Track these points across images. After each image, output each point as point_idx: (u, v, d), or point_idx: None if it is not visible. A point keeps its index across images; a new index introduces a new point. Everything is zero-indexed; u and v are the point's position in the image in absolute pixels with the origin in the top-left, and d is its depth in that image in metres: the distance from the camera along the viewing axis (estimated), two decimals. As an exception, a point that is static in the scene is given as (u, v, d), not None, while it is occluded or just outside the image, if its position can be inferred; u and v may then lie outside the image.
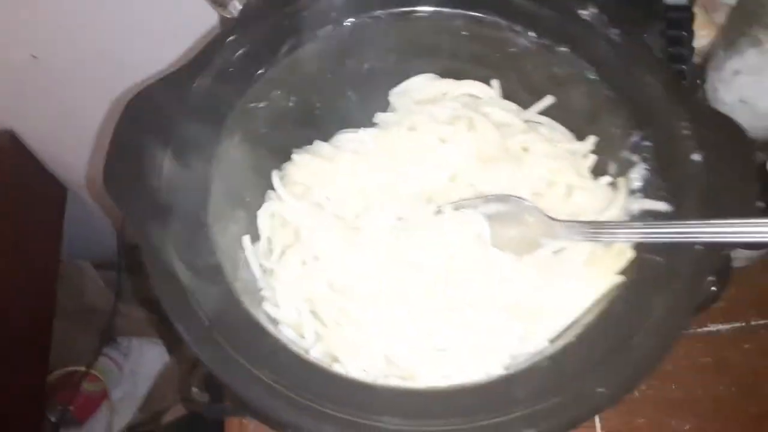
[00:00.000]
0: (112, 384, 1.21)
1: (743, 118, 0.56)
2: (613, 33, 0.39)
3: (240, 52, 0.40)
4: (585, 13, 0.39)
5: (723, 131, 0.35)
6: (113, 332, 1.23)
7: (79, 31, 0.72)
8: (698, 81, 0.56)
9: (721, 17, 0.64)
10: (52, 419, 1.12)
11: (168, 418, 1.15)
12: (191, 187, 0.37)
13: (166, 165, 0.37)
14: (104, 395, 1.19)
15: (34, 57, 0.78)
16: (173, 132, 0.37)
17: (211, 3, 0.60)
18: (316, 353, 0.36)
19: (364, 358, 0.36)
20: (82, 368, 1.05)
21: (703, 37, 0.64)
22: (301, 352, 0.33)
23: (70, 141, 0.90)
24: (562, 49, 0.40)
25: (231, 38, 0.40)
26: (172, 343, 1.22)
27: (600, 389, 0.30)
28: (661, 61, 0.38)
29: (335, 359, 0.36)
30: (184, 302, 0.32)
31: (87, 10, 0.69)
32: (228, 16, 0.55)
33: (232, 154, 0.40)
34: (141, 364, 1.25)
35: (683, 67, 0.52)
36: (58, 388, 1.07)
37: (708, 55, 0.60)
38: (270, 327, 0.35)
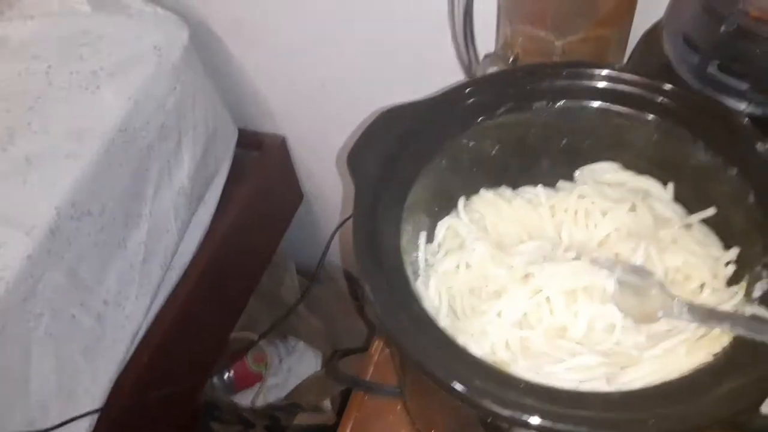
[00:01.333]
0: (270, 371, 1.37)
1: None
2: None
3: (472, 100, 0.52)
4: (758, 147, 0.45)
5: None
6: (286, 329, 1.40)
7: (358, 65, 0.90)
8: None
9: None
10: (214, 377, 1.30)
11: (299, 420, 1.27)
12: (398, 186, 0.49)
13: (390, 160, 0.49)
14: (260, 377, 1.36)
15: (323, 85, 1.00)
16: (405, 140, 0.50)
17: (462, 63, 0.74)
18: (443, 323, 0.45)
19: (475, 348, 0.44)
20: (255, 337, 1.21)
21: None
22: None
23: (325, 158, 1.09)
24: (732, 171, 0.46)
25: (469, 88, 0.53)
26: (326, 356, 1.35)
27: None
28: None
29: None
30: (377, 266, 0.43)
31: (368, 51, 0.85)
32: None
33: (437, 171, 0.52)
34: (298, 366, 1.41)
35: None
36: (231, 349, 1.25)
37: None
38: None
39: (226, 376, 1.28)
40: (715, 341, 0.40)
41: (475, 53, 0.72)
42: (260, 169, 1.12)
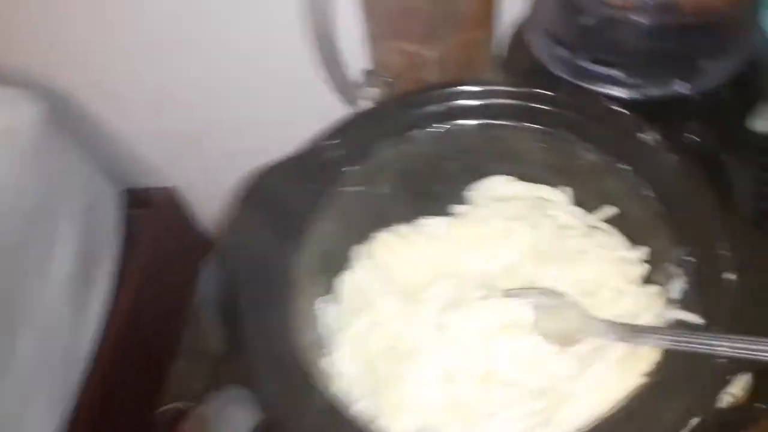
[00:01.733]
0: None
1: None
2: (673, 158, 0.42)
3: (343, 147, 0.48)
4: (645, 137, 0.43)
5: (761, 255, 0.37)
6: (222, 380, 1.32)
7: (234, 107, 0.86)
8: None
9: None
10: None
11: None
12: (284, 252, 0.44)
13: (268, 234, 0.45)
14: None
15: (203, 130, 0.94)
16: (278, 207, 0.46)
17: (342, 98, 0.70)
18: (359, 407, 0.41)
19: (402, 422, 0.40)
20: (189, 404, 1.13)
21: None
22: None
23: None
24: (624, 167, 0.44)
25: (337, 137, 0.49)
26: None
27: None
28: (709, 185, 0.41)
29: (376, 418, 0.41)
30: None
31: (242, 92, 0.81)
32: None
33: (325, 226, 0.47)
34: (240, 415, 1.33)
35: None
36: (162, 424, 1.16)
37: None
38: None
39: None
40: (644, 359, 0.37)
41: (345, 79, 0.68)
42: (155, 226, 1.04)
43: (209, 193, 1.07)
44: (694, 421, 0.33)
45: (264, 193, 0.46)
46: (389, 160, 0.49)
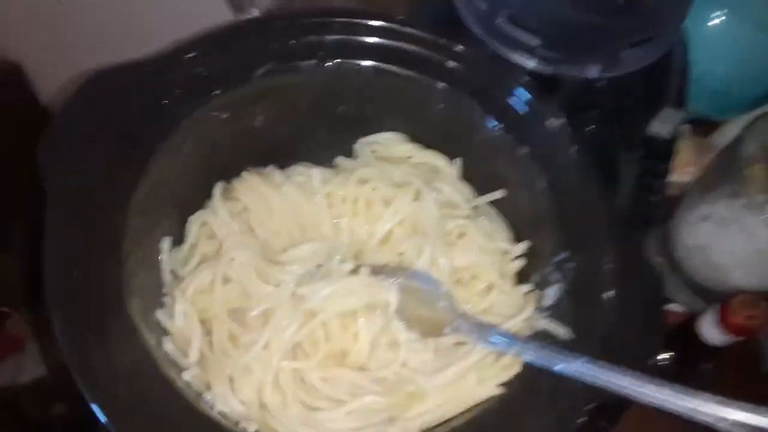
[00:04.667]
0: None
1: (696, 265, 0.56)
2: (573, 150, 0.39)
3: (218, 59, 0.41)
4: (553, 123, 0.40)
5: (644, 279, 0.35)
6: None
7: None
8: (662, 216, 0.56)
9: (708, 160, 0.65)
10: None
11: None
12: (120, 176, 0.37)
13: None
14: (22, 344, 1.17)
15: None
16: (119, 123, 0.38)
17: (229, 4, 0.60)
18: (189, 376, 0.35)
19: (237, 395, 0.36)
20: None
21: (686, 173, 0.64)
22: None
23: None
24: (523, 150, 0.40)
25: (219, 40, 0.41)
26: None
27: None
28: (606, 193, 0.38)
29: (208, 387, 0.36)
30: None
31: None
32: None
33: (179, 155, 0.40)
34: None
35: (651, 198, 0.52)
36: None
37: (685, 193, 0.60)
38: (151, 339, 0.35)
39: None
40: (506, 368, 0.35)
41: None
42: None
43: (54, 69, 0.93)
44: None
45: (103, 103, 0.37)
46: (268, 89, 0.42)
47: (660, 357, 0.51)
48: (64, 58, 0.89)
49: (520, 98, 0.41)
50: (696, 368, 0.53)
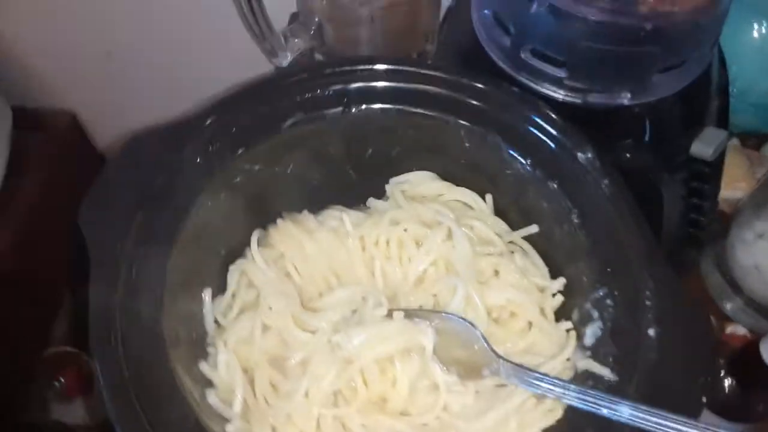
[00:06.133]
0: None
1: (754, 284, 0.53)
2: (605, 182, 0.38)
3: (248, 115, 0.42)
4: (582, 156, 0.39)
5: (688, 314, 0.34)
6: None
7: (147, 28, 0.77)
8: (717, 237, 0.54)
9: (760, 174, 0.62)
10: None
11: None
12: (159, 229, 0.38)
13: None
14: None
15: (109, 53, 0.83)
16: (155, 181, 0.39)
17: (263, 52, 0.62)
18: (233, 429, 0.36)
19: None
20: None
21: (738, 189, 0.62)
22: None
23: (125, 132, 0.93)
24: (553, 184, 0.40)
25: (245, 102, 0.42)
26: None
27: None
28: (644, 223, 0.37)
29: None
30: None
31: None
32: (278, 66, 0.57)
33: (217, 203, 0.41)
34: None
35: (701, 219, 0.50)
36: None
37: (738, 210, 0.58)
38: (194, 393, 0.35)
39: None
40: (548, 412, 0.34)
41: (268, 26, 0.60)
42: (49, 152, 0.93)
43: (112, 122, 0.97)
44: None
45: (142, 162, 0.39)
46: (296, 138, 0.43)
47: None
48: (115, 108, 0.93)
49: (548, 132, 0.40)
50: (760, 394, 0.50)
